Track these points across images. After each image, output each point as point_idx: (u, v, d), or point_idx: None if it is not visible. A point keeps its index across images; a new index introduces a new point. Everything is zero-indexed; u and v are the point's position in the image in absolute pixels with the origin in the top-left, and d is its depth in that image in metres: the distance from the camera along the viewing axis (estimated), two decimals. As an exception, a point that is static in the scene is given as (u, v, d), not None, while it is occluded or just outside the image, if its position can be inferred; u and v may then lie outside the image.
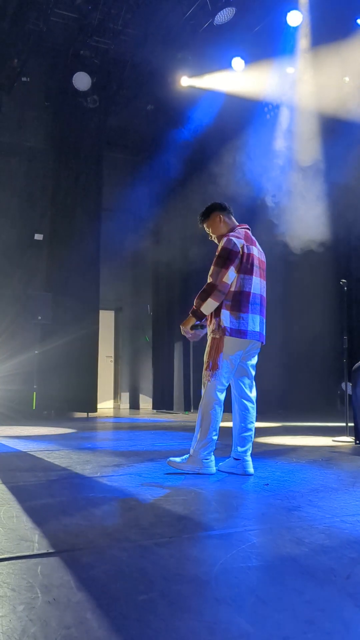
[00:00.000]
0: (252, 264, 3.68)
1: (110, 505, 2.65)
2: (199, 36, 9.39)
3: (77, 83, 9.76)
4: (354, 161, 9.81)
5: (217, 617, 1.43)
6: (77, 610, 1.46)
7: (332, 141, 9.90)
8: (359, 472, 3.73)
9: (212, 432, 3.59)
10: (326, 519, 2.40)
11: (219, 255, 3.62)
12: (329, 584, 1.66)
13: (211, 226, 3.89)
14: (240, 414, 3.75)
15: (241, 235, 3.72)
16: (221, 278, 3.56)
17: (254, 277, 3.68)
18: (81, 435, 6.24)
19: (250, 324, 3.62)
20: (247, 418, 3.73)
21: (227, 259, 3.59)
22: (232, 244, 3.62)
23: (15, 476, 3.42)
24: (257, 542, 2.08)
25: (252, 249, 3.72)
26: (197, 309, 3.59)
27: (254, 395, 3.82)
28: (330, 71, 9.42)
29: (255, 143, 10.31)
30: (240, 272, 3.63)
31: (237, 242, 3.64)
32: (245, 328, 3.60)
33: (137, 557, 1.89)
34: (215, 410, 3.59)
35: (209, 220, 3.90)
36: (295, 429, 7.26)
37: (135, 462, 4.09)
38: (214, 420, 3.59)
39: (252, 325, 3.64)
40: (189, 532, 2.20)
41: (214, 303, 3.57)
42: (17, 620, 1.39)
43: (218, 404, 3.61)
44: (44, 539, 2.09)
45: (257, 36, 9.29)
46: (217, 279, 3.57)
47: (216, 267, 3.60)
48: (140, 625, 1.37)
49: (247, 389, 3.78)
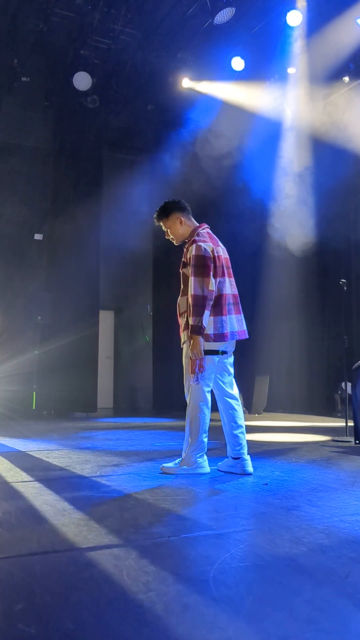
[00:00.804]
0: (222, 265, 3.68)
1: (109, 504, 2.65)
2: (199, 36, 9.40)
3: (77, 83, 9.76)
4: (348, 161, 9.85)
5: (215, 617, 1.43)
6: (76, 610, 1.45)
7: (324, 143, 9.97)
8: (358, 472, 3.72)
9: (202, 434, 3.60)
10: (325, 519, 2.39)
11: (197, 265, 3.56)
12: (327, 584, 1.66)
13: (170, 227, 3.85)
14: (227, 414, 3.75)
15: (207, 239, 3.68)
16: (207, 287, 3.53)
17: (226, 278, 3.69)
18: (81, 435, 6.24)
19: (229, 326, 3.64)
20: (234, 416, 3.74)
21: (206, 266, 3.55)
22: (202, 249, 3.58)
23: (14, 476, 3.42)
24: (256, 542, 2.08)
25: (219, 250, 3.70)
26: (200, 325, 3.50)
27: (236, 392, 3.84)
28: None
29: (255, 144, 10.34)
30: (216, 275, 3.62)
31: (207, 247, 3.60)
32: (227, 331, 3.62)
33: (135, 557, 1.88)
34: (202, 413, 3.60)
35: (168, 221, 3.85)
36: (294, 429, 7.26)
37: (134, 462, 4.09)
38: (202, 423, 3.60)
39: (232, 327, 3.65)
40: (187, 532, 2.20)
41: (208, 313, 3.54)
42: (17, 620, 1.39)
43: (205, 405, 3.62)
44: (42, 538, 2.09)
45: (257, 36, 9.29)
46: (204, 290, 3.52)
47: (198, 277, 3.54)
48: (139, 625, 1.37)
49: (227, 387, 3.79)
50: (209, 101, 10.45)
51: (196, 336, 3.51)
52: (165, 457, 4.29)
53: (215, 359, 3.65)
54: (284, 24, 8.97)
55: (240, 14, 8.76)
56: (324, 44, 9.11)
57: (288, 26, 9.01)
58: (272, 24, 9.07)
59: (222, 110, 10.43)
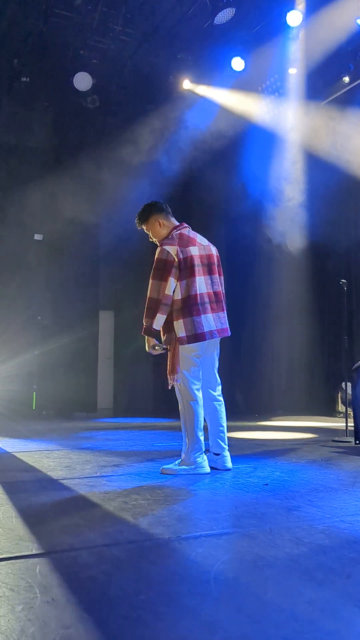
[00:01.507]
0: (192, 265, 3.63)
1: (109, 505, 2.65)
2: (199, 36, 9.39)
3: (78, 83, 9.75)
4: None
5: (216, 618, 1.43)
6: (76, 610, 1.45)
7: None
8: (358, 472, 3.72)
9: (197, 433, 3.62)
10: (326, 519, 2.39)
11: (155, 268, 3.60)
12: (328, 584, 1.66)
13: (151, 230, 3.87)
14: (211, 414, 3.82)
15: (175, 241, 3.66)
16: (163, 291, 3.55)
17: (196, 277, 3.63)
18: (81, 435, 6.24)
19: (205, 325, 3.62)
20: (218, 417, 3.82)
21: (164, 271, 3.57)
22: (165, 253, 3.60)
23: (14, 476, 3.42)
24: (256, 542, 2.08)
25: (188, 251, 3.65)
26: (150, 327, 3.58)
27: (219, 392, 3.89)
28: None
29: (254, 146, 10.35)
30: (181, 278, 3.60)
31: (170, 250, 3.60)
32: (202, 330, 3.60)
33: (136, 557, 1.88)
34: (194, 411, 3.63)
35: (148, 225, 3.87)
36: (294, 429, 7.26)
37: (134, 462, 4.09)
38: (196, 421, 3.62)
39: (208, 326, 3.64)
40: (187, 532, 2.20)
41: (162, 317, 3.58)
42: (16, 620, 1.39)
43: (196, 403, 3.64)
44: (42, 538, 2.09)
45: (257, 36, 9.29)
46: (160, 293, 3.55)
47: (155, 280, 3.58)
48: (139, 626, 1.37)
49: (211, 389, 3.84)
50: (209, 103, 10.47)
51: (149, 338, 3.65)
52: (165, 457, 4.29)
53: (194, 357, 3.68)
54: (284, 24, 8.97)
55: (241, 14, 8.76)
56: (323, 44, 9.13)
57: (288, 26, 9.01)
58: (272, 24, 9.06)
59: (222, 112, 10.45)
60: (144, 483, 3.23)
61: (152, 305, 3.57)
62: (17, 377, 8.90)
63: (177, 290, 3.61)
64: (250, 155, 10.48)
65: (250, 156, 10.46)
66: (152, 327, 3.58)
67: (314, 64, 9.69)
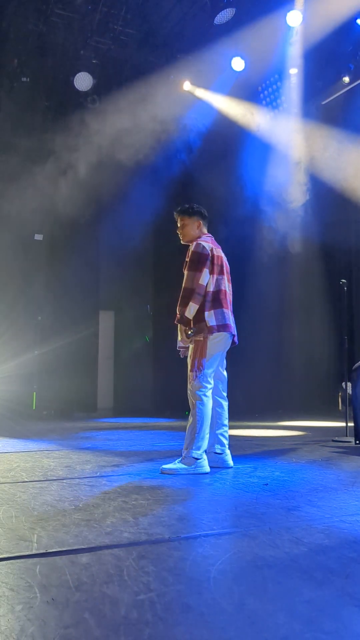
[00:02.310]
0: (222, 265, 3.91)
1: (110, 505, 2.65)
2: (199, 36, 9.39)
3: (78, 83, 9.76)
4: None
5: (215, 617, 1.43)
6: (75, 610, 1.45)
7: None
8: (358, 472, 3.72)
9: (202, 432, 3.67)
10: (325, 519, 2.39)
11: (191, 260, 3.80)
12: (328, 584, 1.66)
13: (187, 225, 4.02)
14: (216, 412, 3.90)
15: (209, 240, 3.94)
16: (197, 281, 3.74)
17: (224, 277, 3.90)
18: (81, 435, 6.24)
19: (230, 319, 3.85)
20: (222, 415, 3.94)
21: (199, 262, 3.77)
22: (201, 247, 3.82)
23: (14, 476, 3.42)
24: (256, 542, 2.08)
25: (219, 251, 3.95)
26: (183, 315, 3.73)
27: (225, 390, 4.03)
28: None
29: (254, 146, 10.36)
30: (213, 273, 3.83)
31: (206, 246, 3.84)
32: (229, 322, 3.82)
33: (136, 557, 1.89)
34: (202, 411, 3.69)
35: (189, 219, 4.02)
36: (294, 429, 7.26)
37: (134, 462, 4.09)
38: (202, 421, 3.68)
39: (231, 320, 3.87)
40: (187, 532, 2.20)
41: (195, 306, 3.74)
42: (16, 620, 1.39)
43: (203, 404, 3.71)
44: (42, 538, 2.09)
45: (257, 36, 9.29)
46: (193, 283, 3.74)
47: (190, 271, 3.78)
48: (139, 625, 1.37)
49: (220, 388, 3.98)
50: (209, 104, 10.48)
51: (181, 326, 3.79)
52: (165, 457, 4.29)
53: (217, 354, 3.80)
54: (284, 24, 8.98)
55: (241, 14, 8.76)
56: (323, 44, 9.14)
57: (288, 26, 9.02)
58: (272, 24, 9.07)
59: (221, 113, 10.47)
60: (144, 483, 3.23)
61: (186, 295, 3.74)
62: (17, 377, 8.90)
63: (210, 282, 3.80)
64: (251, 156, 10.48)
65: (251, 157, 10.46)
66: (185, 315, 3.72)
67: (314, 64, 9.70)
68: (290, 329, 11.59)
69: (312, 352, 11.55)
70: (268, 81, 10.37)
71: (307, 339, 11.62)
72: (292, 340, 11.66)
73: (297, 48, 9.55)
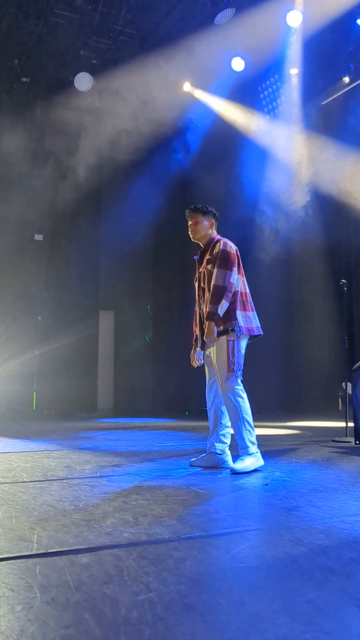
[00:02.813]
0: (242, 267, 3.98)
1: (109, 505, 2.65)
2: (199, 36, 9.39)
3: (78, 83, 9.76)
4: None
5: (215, 617, 1.43)
6: (75, 610, 1.45)
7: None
8: (358, 472, 3.72)
9: (251, 425, 3.78)
10: (325, 519, 2.39)
11: (222, 258, 3.82)
12: (328, 584, 1.66)
13: (200, 223, 4.04)
14: (221, 412, 3.94)
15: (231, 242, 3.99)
16: (228, 279, 3.77)
17: (244, 278, 3.99)
18: (81, 435, 6.24)
19: (255, 321, 3.91)
20: (226, 416, 3.95)
21: (230, 261, 3.82)
22: (229, 247, 3.88)
23: (14, 476, 3.42)
24: (256, 542, 2.08)
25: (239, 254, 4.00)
26: (215, 312, 3.74)
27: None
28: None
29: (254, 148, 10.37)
30: (240, 273, 3.90)
31: (233, 246, 3.90)
32: (255, 325, 3.89)
33: (136, 557, 1.89)
34: (245, 406, 3.78)
35: (203, 217, 4.05)
36: (294, 429, 7.26)
37: (134, 462, 4.09)
38: (248, 414, 3.78)
39: (256, 322, 3.92)
40: (187, 532, 2.20)
41: (226, 304, 3.77)
42: (16, 620, 1.39)
43: (244, 398, 3.80)
44: (42, 539, 2.09)
45: (257, 36, 9.29)
46: (225, 281, 3.76)
47: (221, 269, 3.79)
48: (139, 626, 1.37)
49: None
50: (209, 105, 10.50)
51: (211, 322, 3.73)
52: (165, 457, 4.29)
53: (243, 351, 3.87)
54: (284, 24, 8.97)
55: (241, 14, 8.76)
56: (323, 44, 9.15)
57: (288, 26, 9.02)
58: (272, 24, 9.07)
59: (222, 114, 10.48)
60: (144, 483, 3.23)
61: (219, 292, 3.75)
62: (17, 377, 8.90)
63: (238, 282, 3.86)
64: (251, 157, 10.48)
65: (252, 158, 10.47)
66: (217, 313, 3.73)
67: (314, 64, 9.71)
68: (290, 329, 11.58)
69: (312, 352, 11.55)
70: (268, 81, 10.37)
71: (307, 339, 11.62)
72: (292, 341, 11.65)
73: (297, 48, 9.55)
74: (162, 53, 9.75)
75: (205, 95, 10.43)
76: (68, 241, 9.85)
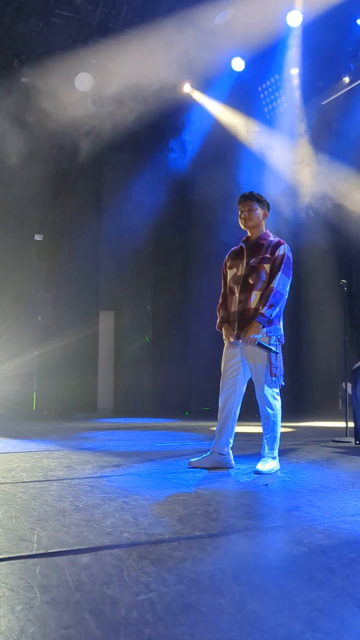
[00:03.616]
0: None
1: (110, 505, 2.65)
2: (199, 36, 9.39)
3: (78, 83, 9.76)
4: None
5: (215, 617, 1.43)
6: (75, 611, 1.45)
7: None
8: (358, 472, 3.72)
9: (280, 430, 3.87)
10: (326, 519, 2.39)
11: (287, 264, 3.74)
12: (328, 584, 1.66)
13: (255, 211, 3.89)
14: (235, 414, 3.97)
15: None
16: (287, 288, 3.76)
17: None
18: (81, 435, 6.24)
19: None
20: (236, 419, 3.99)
21: (289, 268, 3.77)
22: (290, 252, 3.79)
23: (14, 476, 3.42)
24: (256, 542, 2.08)
25: None
26: (269, 316, 3.69)
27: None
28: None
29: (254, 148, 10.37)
30: None
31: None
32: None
33: (136, 557, 1.88)
34: (280, 412, 3.92)
35: (260, 205, 3.92)
36: (294, 429, 7.25)
37: (135, 463, 4.09)
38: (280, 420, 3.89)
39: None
40: (187, 532, 2.20)
41: (280, 311, 3.79)
42: (16, 620, 1.39)
43: (280, 404, 3.93)
44: (42, 539, 2.09)
45: (257, 37, 9.30)
46: (285, 289, 3.74)
47: (285, 275, 3.73)
48: (139, 626, 1.37)
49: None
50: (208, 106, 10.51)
51: (258, 324, 3.69)
52: (165, 458, 4.29)
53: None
54: (284, 24, 8.98)
55: (241, 14, 8.76)
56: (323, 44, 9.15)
57: (288, 26, 9.03)
58: (272, 24, 9.07)
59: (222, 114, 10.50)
60: (144, 483, 3.23)
61: (277, 297, 3.70)
62: (17, 377, 8.90)
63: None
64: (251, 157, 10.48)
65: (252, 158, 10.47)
66: (270, 317, 3.71)
67: (314, 64, 9.71)
68: (290, 329, 11.58)
69: (312, 352, 11.55)
70: (268, 81, 10.37)
71: (307, 339, 11.62)
72: (291, 341, 11.65)
73: (297, 48, 9.56)
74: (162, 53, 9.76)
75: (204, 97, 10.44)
76: (68, 241, 9.84)
